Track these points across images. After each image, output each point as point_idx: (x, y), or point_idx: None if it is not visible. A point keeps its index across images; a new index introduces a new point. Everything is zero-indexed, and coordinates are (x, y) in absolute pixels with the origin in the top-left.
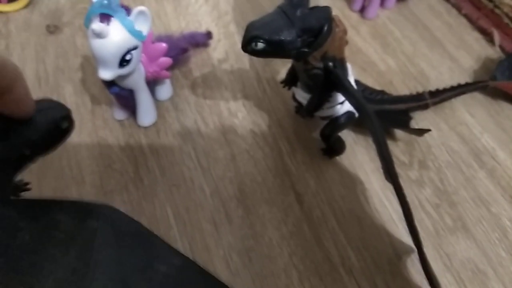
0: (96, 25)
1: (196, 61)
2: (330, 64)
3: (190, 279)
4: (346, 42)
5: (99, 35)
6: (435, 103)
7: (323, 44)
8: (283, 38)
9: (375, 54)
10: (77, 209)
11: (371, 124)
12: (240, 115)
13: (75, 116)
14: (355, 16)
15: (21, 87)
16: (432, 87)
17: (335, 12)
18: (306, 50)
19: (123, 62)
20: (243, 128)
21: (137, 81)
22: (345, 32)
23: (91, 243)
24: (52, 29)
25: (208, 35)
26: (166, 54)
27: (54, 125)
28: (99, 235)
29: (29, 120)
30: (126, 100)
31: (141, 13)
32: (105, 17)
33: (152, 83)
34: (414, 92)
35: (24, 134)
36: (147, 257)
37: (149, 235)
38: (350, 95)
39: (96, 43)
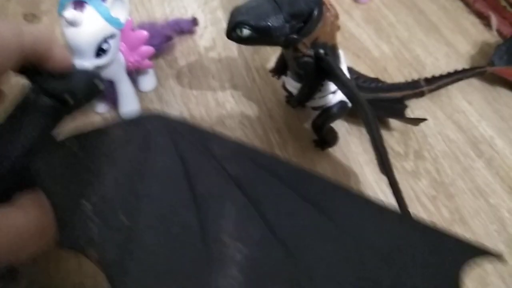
0: (69, 12)
1: (182, 50)
2: (321, 51)
3: (243, 159)
4: (338, 28)
5: (72, 23)
6: (431, 91)
7: (313, 30)
8: (270, 24)
9: (368, 40)
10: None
11: (364, 115)
12: (229, 106)
13: None
14: (347, 1)
15: (59, 52)
16: (428, 74)
17: None
18: (295, 36)
19: (100, 51)
20: (232, 120)
21: (117, 72)
22: (336, 16)
23: (148, 136)
24: (30, 18)
25: (194, 21)
26: (148, 42)
27: (91, 81)
28: (154, 129)
29: (70, 74)
30: (106, 91)
31: None
32: (79, 4)
33: (135, 74)
34: (409, 79)
35: (66, 83)
36: (202, 142)
37: (199, 127)
38: (342, 84)
39: (70, 32)
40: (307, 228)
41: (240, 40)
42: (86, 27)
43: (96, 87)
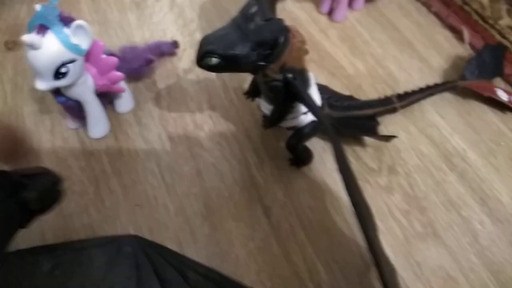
0: (28, 36)
1: (161, 72)
2: (289, 75)
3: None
4: (306, 52)
5: (30, 46)
6: (403, 106)
7: (280, 56)
8: (237, 52)
9: (344, 58)
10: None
11: (330, 136)
12: (207, 127)
13: (33, 136)
14: (323, 20)
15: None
16: (401, 89)
17: (303, 16)
18: (262, 63)
19: (59, 74)
20: (210, 141)
21: (84, 93)
22: (303, 42)
23: (129, 259)
24: (11, 45)
25: (175, 44)
26: (128, 65)
27: (51, 186)
28: (136, 257)
29: (32, 180)
30: (74, 110)
31: (79, 27)
32: (42, 29)
33: (111, 96)
34: (382, 96)
35: (30, 189)
36: (179, 267)
37: (174, 253)
38: (308, 106)
39: (31, 54)
40: None
41: (209, 68)
42: (45, 51)
43: (57, 194)
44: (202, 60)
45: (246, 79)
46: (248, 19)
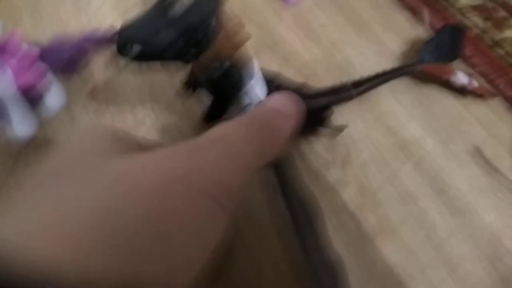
0: None
1: (99, 63)
2: (227, 64)
3: None
4: (246, 38)
5: None
6: (360, 93)
7: (212, 43)
8: (161, 39)
9: (298, 43)
10: None
11: None
12: (149, 122)
13: None
14: (278, 2)
15: None
16: (358, 75)
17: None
18: (192, 50)
19: None
20: (152, 136)
21: (3, 90)
22: (240, 26)
23: None
24: None
25: (114, 32)
26: (60, 56)
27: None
28: None
29: None
30: None
31: None
32: None
33: (39, 90)
34: (338, 83)
35: None
36: None
37: None
38: (248, 98)
39: None
40: None
41: (132, 57)
42: None
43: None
44: (123, 50)
45: None
46: (173, 0)
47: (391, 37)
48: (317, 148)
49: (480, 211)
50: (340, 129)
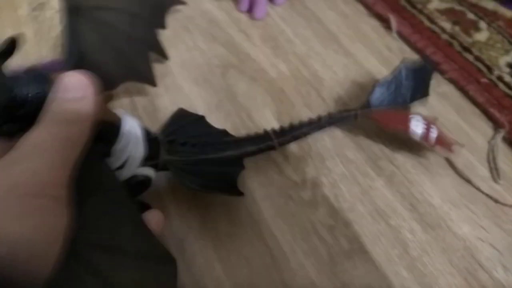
0: None
1: None
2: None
3: None
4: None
5: None
6: (283, 144)
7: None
8: None
9: (265, 60)
10: None
11: None
12: None
13: None
14: (244, 19)
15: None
16: (326, 90)
17: (222, 16)
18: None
19: None
20: None
21: None
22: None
23: None
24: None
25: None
26: None
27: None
28: None
29: None
30: None
31: None
32: None
33: None
34: (307, 98)
35: None
36: None
37: None
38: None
39: None
40: None
41: None
42: None
43: None
44: None
45: (157, 97)
46: None
47: (359, 48)
48: (286, 170)
49: (453, 225)
50: (239, 194)
